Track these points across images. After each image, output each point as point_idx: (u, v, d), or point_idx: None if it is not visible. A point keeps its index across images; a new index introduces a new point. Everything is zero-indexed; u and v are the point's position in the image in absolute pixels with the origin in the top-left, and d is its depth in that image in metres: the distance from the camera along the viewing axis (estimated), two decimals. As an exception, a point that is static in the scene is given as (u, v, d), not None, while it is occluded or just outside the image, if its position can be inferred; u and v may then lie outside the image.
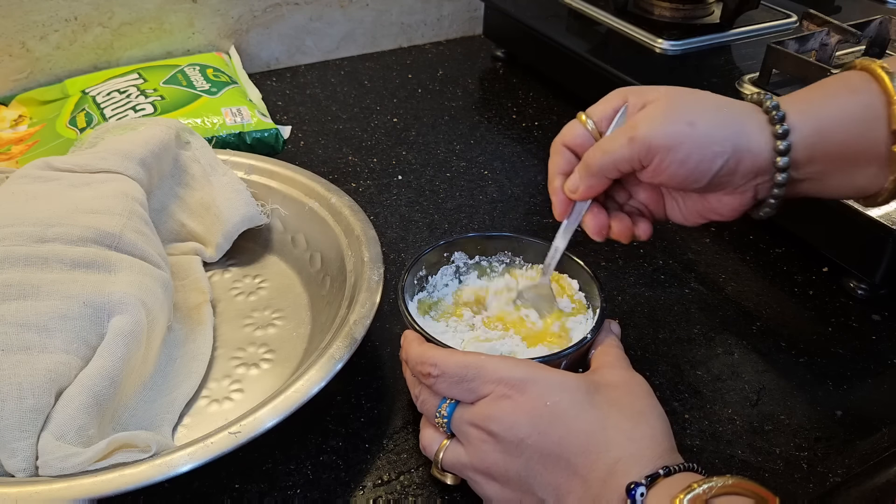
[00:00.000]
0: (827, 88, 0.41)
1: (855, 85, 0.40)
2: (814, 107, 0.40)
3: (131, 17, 0.81)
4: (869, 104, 0.39)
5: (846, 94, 0.40)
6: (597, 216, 0.46)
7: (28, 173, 0.53)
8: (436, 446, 0.42)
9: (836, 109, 0.40)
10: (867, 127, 0.39)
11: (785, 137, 0.40)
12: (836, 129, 0.40)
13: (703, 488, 0.33)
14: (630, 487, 0.35)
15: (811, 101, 0.41)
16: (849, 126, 0.40)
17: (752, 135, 0.40)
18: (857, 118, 0.39)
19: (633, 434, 0.37)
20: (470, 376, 0.40)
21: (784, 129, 0.40)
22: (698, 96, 0.42)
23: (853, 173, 0.41)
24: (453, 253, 0.52)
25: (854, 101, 0.40)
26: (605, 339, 0.45)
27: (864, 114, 0.39)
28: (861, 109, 0.39)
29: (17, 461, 0.39)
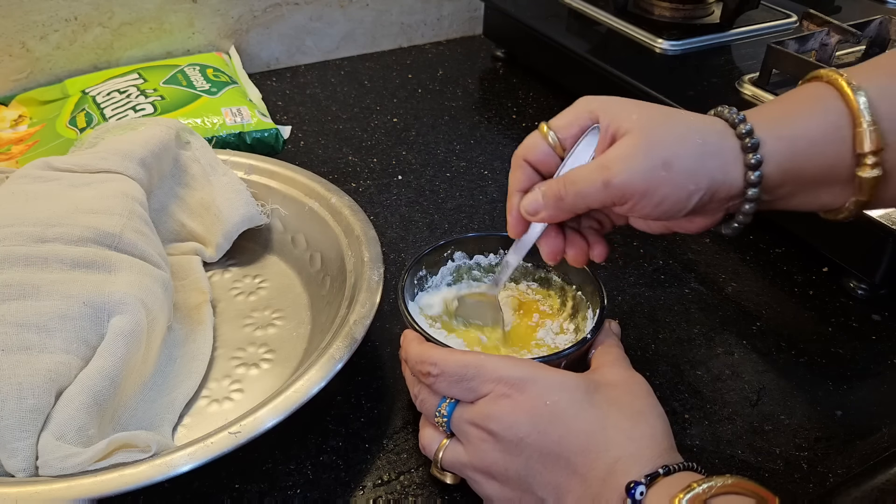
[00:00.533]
0: (799, 106, 0.40)
1: (825, 104, 0.39)
2: (786, 130, 0.39)
3: (131, 17, 0.81)
4: (837, 125, 0.38)
5: (819, 114, 0.39)
6: (553, 240, 0.44)
7: (28, 173, 0.53)
8: (435, 445, 0.42)
9: (809, 132, 0.39)
10: (835, 150, 0.39)
11: (758, 168, 0.39)
12: (808, 155, 0.39)
13: (703, 488, 0.33)
14: (630, 486, 0.35)
15: (784, 124, 0.39)
16: (819, 150, 0.39)
17: (727, 167, 0.39)
18: (827, 140, 0.39)
19: (632, 433, 0.38)
20: (469, 375, 0.40)
21: (757, 158, 0.38)
22: (673, 126, 0.39)
23: (819, 192, 0.41)
24: (453, 253, 0.52)
25: (825, 123, 0.39)
26: (605, 340, 0.45)
27: (833, 135, 0.38)
28: (831, 131, 0.39)
29: (17, 461, 0.39)
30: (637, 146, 0.39)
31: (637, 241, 0.65)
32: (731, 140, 0.39)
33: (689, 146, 0.39)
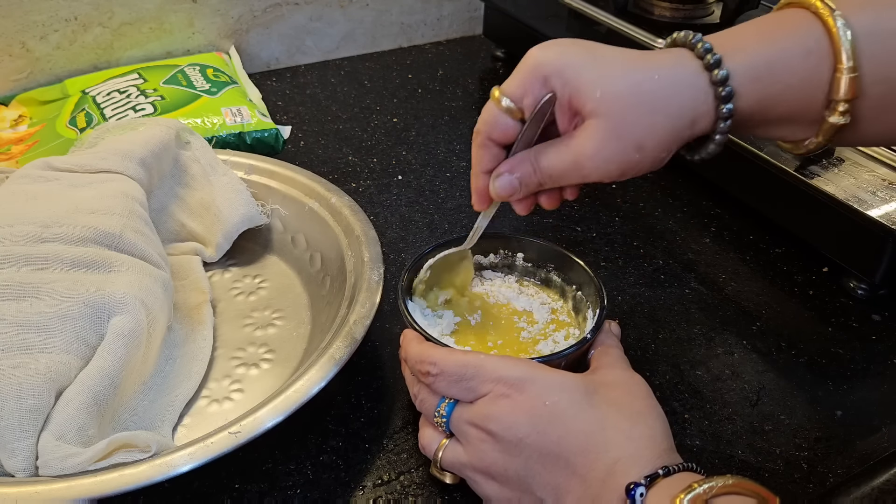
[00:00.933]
0: (775, 38, 0.38)
1: (803, 38, 0.37)
2: (761, 73, 0.38)
3: (131, 17, 0.81)
4: (816, 66, 0.37)
5: (796, 52, 0.37)
6: (525, 199, 0.44)
7: (28, 173, 0.53)
8: (435, 445, 0.42)
9: (784, 74, 0.38)
10: (809, 92, 0.38)
11: (729, 118, 0.38)
12: (780, 96, 0.38)
13: (704, 488, 0.33)
14: (629, 488, 0.35)
15: (759, 65, 0.38)
16: (793, 92, 0.38)
17: (699, 116, 0.38)
18: (802, 83, 0.38)
19: (631, 434, 0.37)
20: (469, 375, 0.40)
21: (728, 108, 0.38)
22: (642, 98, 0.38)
23: (783, 127, 0.40)
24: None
25: (802, 64, 0.37)
26: (604, 340, 0.45)
27: (810, 77, 0.37)
28: (808, 72, 0.37)
29: (17, 461, 0.39)
30: (607, 133, 0.38)
31: (637, 242, 0.65)
32: (700, 80, 0.38)
33: (660, 119, 0.38)
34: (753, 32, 0.39)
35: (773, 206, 0.64)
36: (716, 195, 0.70)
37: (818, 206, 0.57)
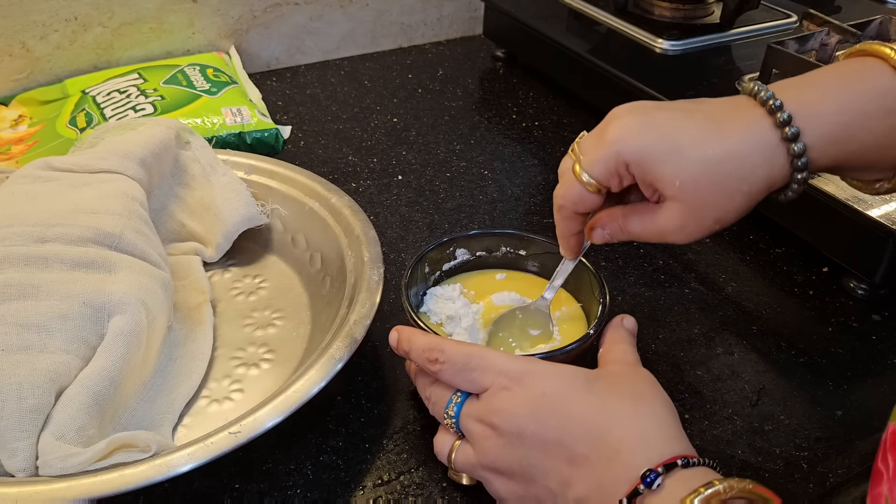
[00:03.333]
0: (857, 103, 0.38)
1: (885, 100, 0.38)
2: (839, 137, 0.38)
3: (131, 17, 0.81)
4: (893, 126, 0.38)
5: (878, 115, 0.38)
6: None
7: (28, 173, 0.53)
8: (447, 448, 0.42)
9: (862, 135, 0.38)
10: (885, 149, 0.38)
11: (804, 182, 0.39)
12: (855, 157, 0.39)
13: (723, 486, 0.33)
14: (646, 475, 0.34)
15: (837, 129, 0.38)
16: (869, 151, 0.39)
17: (773, 185, 0.40)
18: (879, 142, 0.38)
19: (634, 414, 0.37)
20: (472, 365, 0.40)
21: (804, 176, 0.39)
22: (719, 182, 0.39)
23: (855, 174, 0.41)
24: (455, 250, 0.53)
25: (882, 125, 0.38)
26: (613, 336, 0.45)
27: (888, 136, 0.38)
28: (887, 132, 0.38)
29: (17, 461, 0.39)
30: (688, 215, 0.40)
31: (637, 241, 0.65)
32: (778, 153, 0.39)
33: (738, 196, 0.39)
34: (832, 91, 0.39)
35: (773, 206, 0.63)
36: (716, 195, 0.70)
37: (818, 206, 0.57)
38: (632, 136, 0.40)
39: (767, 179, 0.39)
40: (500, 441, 0.39)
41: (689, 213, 0.40)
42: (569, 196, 0.43)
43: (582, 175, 0.42)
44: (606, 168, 0.41)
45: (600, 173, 0.41)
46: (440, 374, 0.41)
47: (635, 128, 0.40)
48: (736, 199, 0.39)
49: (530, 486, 0.38)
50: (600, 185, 0.41)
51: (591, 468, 0.36)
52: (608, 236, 0.44)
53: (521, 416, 0.38)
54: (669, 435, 0.37)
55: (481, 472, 0.40)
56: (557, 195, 0.44)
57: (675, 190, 0.39)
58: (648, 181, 0.40)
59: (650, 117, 0.41)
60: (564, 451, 0.37)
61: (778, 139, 0.38)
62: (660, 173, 0.39)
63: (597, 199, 0.42)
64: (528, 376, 0.39)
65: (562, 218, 0.45)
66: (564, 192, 0.43)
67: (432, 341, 0.42)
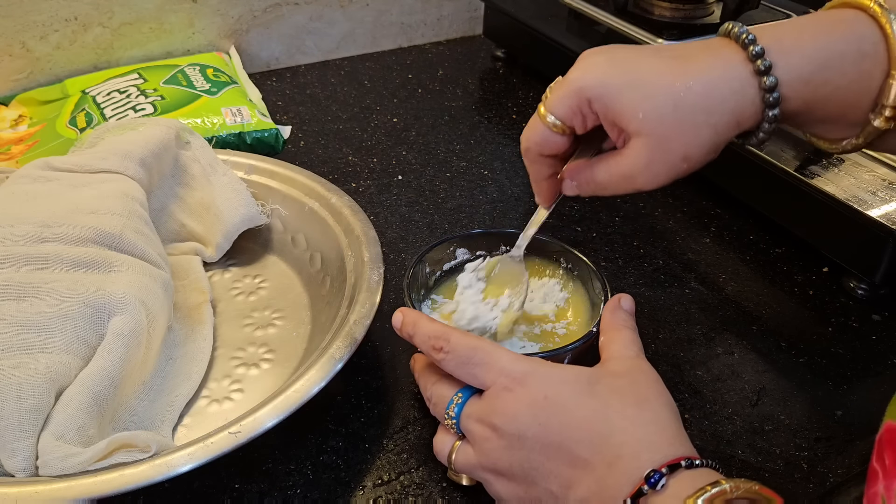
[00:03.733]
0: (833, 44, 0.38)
1: (860, 44, 0.37)
2: (813, 76, 0.38)
3: (131, 17, 0.81)
4: (868, 72, 0.37)
5: (852, 58, 0.37)
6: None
7: (28, 173, 0.53)
8: (447, 449, 0.42)
9: (836, 78, 0.37)
10: (857, 96, 0.38)
11: (774, 121, 0.38)
12: (827, 102, 0.38)
13: (728, 486, 0.33)
14: (650, 475, 0.34)
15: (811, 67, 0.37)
16: (841, 97, 0.38)
17: (743, 122, 0.39)
18: (851, 87, 0.38)
19: (637, 419, 0.37)
20: (476, 360, 0.40)
21: (775, 113, 0.38)
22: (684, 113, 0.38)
23: (823, 126, 0.41)
24: (456, 249, 0.53)
25: (855, 70, 0.37)
26: (613, 322, 0.44)
27: (861, 82, 0.37)
28: (859, 78, 0.37)
29: (17, 461, 0.39)
30: (652, 150, 0.39)
31: (637, 241, 0.65)
32: (748, 87, 0.38)
33: (704, 129, 0.38)
34: (809, 30, 0.39)
35: (773, 206, 0.64)
36: (716, 195, 0.70)
37: (818, 206, 0.58)
38: (594, 71, 0.40)
39: (735, 113, 0.38)
40: (501, 443, 0.39)
41: (654, 148, 0.39)
42: (532, 137, 0.43)
43: (546, 115, 0.41)
44: (569, 106, 0.40)
45: (563, 112, 0.41)
46: (443, 363, 0.41)
47: (598, 64, 0.40)
48: (702, 132, 0.38)
49: (531, 487, 0.38)
50: (564, 124, 0.41)
51: (592, 471, 0.36)
52: (576, 188, 0.44)
53: (523, 419, 0.38)
54: (672, 438, 0.37)
55: (481, 474, 0.40)
56: (523, 138, 0.43)
57: (638, 123, 0.38)
58: (611, 117, 0.39)
59: (615, 54, 0.40)
60: (566, 454, 0.37)
61: (749, 73, 0.38)
62: (621, 106, 0.39)
63: (562, 140, 0.42)
64: (531, 378, 0.39)
65: (529, 161, 0.44)
66: (529, 134, 0.43)
67: (439, 329, 0.42)
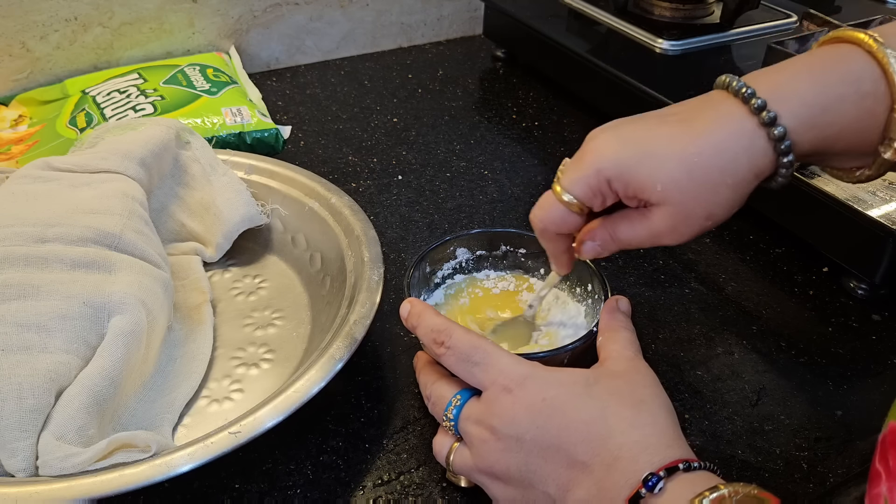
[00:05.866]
0: (832, 87, 0.38)
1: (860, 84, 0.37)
2: (817, 120, 0.38)
3: (131, 17, 0.81)
4: (871, 110, 0.37)
5: (853, 99, 0.37)
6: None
7: (28, 173, 0.53)
8: (446, 450, 0.42)
9: (840, 120, 0.38)
10: (864, 133, 0.38)
11: (790, 166, 0.39)
12: (836, 141, 0.39)
13: (728, 490, 0.33)
14: (647, 478, 0.34)
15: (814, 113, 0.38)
16: (849, 135, 0.38)
17: (761, 174, 0.39)
18: (857, 126, 0.38)
19: (634, 421, 0.37)
20: (476, 359, 0.40)
21: (789, 159, 0.38)
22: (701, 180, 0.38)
23: (836, 160, 0.41)
24: (456, 249, 0.53)
25: (858, 109, 0.38)
26: (611, 323, 0.44)
27: (866, 120, 0.38)
28: (864, 116, 0.38)
29: (17, 461, 0.39)
30: (675, 216, 0.39)
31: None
32: (758, 141, 0.38)
33: (723, 189, 0.39)
34: (805, 75, 0.39)
35: (773, 206, 0.64)
36: (716, 195, 0.70)
37: (818, 206, 0.57)
38: (607, 150, 0.40)
39: (751, 169, 0.39)
40: (499, 445, 0.39)
41: (677, 213, 0.39)
42: (549, 218, 0.42)
43: (563, 195, 0.41)
44: (588, 185, 0.40)
45: (581, 192, 0.41)
46: (443, 357, 0.41)
47: (610, 142, 0.40)
48: (721, 192, 0.39)
49: (528, 490, 0.38)
50: (582, 204, 0.41)
51: (591, 473, 0.36)
52: (599, 248, 0.43)
53: (521, 421, 0.38)
54: (670, 440, 0.37)
55: (478, 476, 0.40)
56: (536, 218, 0.43)
57: (658, 194, 0.39)
58: (631, 193, 0.40)
59: (623, 130, 0.41)
60: (564, 456, 0.37)
61: (755, 126, 0.38)
62: (639, 181, 0.39)
63: (578, 219, 0.42)
64: (530, 381, 0.39)
65: (546, 241, 0.45)
66: (544, 215, 0.43)
67: (443, 324, 0.42)
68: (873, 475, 0.35)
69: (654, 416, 0.38)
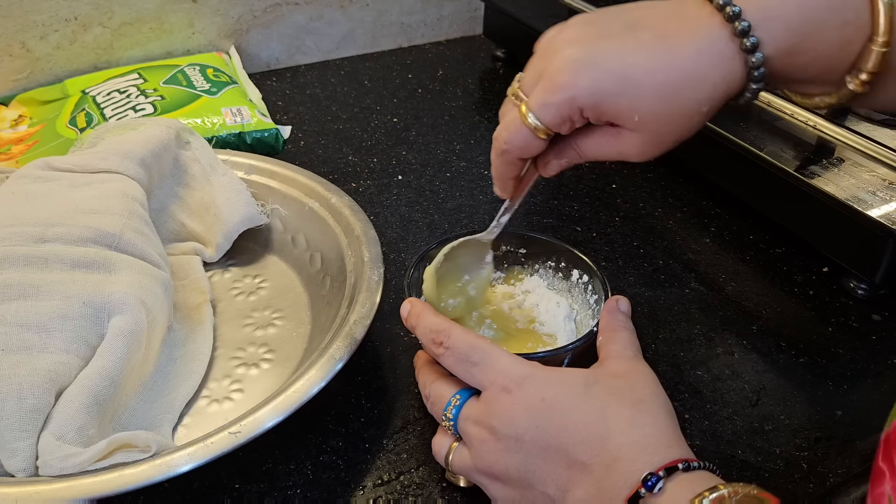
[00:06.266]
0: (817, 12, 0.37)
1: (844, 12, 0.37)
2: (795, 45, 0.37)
3: (131, 17, 0.81)
4: (849, 39, 0.37)
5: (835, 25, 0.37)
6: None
7: (28, 173, 0.53)
8: (445, 450, 0.42)
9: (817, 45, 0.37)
10: (836, 61, 0.38)
11: (758, 87, 0.38)
12: (807, 67, 0.38)
13: (728, 491, 0.33)
14: (647, 478, 0.34)
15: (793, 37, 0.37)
16: (821, 62, 0.38)
17: (730, 92, 0.39)
18: (831, 53, 0.38)
19: (634, 421, 0.37)
20: (475, 359, 0.40)
21: (759, 84, 0.38)
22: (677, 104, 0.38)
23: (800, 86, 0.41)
24: None
25: (837, 37, 0.37)
26: (611, 323, 0.44)
27: (841, 48, 0.37)
28: (841, 44, 0.37)
29: (17, 461, 0.39)
30: (649, 141, 0.39)
31: (637, 241, 0.65)
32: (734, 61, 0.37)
33: (697, 117, 0.39)
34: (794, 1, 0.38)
35: (773, 206, 0.64)
36: (716, 195, 0.70)
37: (818, 206, 0.58)
38: (583, 78, 0.38)
39: (724, 90, 0.38)
40: (498, 445, 0.38)
41: (649, 139, 0.39)
42: (514, 141, 0.41)
43: (529, 118, 0.39)
44: (559, 113, 0.39)
45: (552, 118, 0.39)
46: (442, 358, 0.41)
47: (586, 69, 0.38)
48: (695, 118, 0.39)
49: (527, 491, 0.38)
50: (549, 129, 0.40)
51: (590, 473, 0.36)
52: (565, 163, 0.43)
53: (521, 422, 0.38)
54: (669, 440, 0.37)
55: (477, 476, 0.40)
56: (500, 138, 0.42)
57: (635, 123, 0.39)
58: (604, 119, 0.39)
59: (597, 52, 0.38)
60: (563, 456, 0.37)
61: (735, 50, 0.37)
62: (616, 110, 0.38)
63: (543, 144, 0.41)
64: (529, 381, 0.39)
65: (503, 162, 0.43)
66: (509, 137, 0.41)
67: (441, 324, 0.42)
68: (876, 474, 0.35)
69: (653, 417, 0.38)
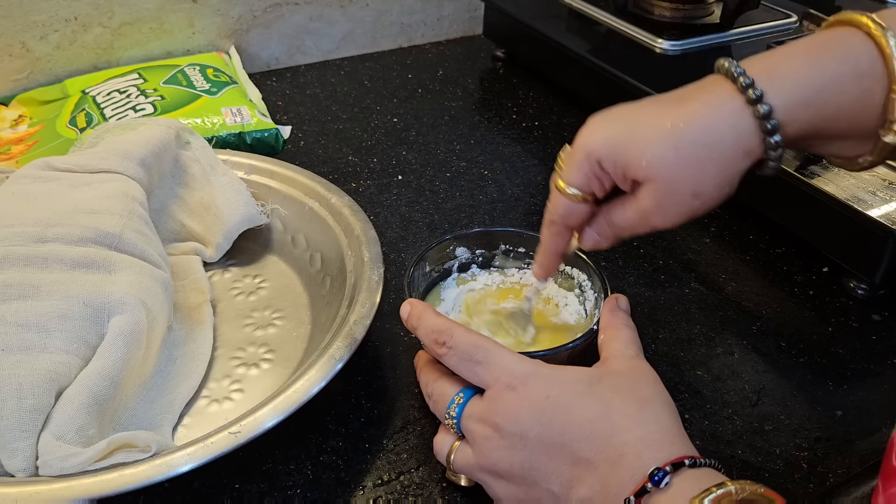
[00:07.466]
0: (828, 66, 0.38)
1: (857, 64, 0.37)
2: (812, 99, 0.38)
3: (131, 17, 0.81)
4: (869, 91, 0.37)
5: (850, 78, 0.37)
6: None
7: (28, 173, 0.53)
8: (447, 449, 0.42)
9: (837, 99, 0.38)
10: (862, 115, 0.38)
11: (778, 147, 0.39)
12: (833, 122, 0.38)
13: (734, 487, 0.33)
14: (653, 473, 0.34)
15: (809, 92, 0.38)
16: (846, 117, 0.38)
17: (750, 153, 0.39)
18: (854, 107, 0.38)
19: (638, 419, 0.37)
20: (478, 357, 0.40)
21: (776, 140, 0.38)
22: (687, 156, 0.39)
23: (836, 145, 0.41)
24: (455, 248, 0.53)
25: (855, 89, 0.37)
26: (612, 321, 0.44)
27: (863, 101, 0.37)
28: (861, 96, 0.37)
29: (17, 461, 0.39)
30: (661, 192, 0.40)
31: (637, 241, 0.65)
32: (744, 119, 0.38)
33: (709, 166, 0.39)
34: (802, 56, 0.39)
35: (773, 206, 0.64)
36: (716, 195, 0.70)
37: (818, 206, 0.58)
38: (596, 133, 0.41)
39: (739, 145, 0.39)
40: (502, 443, 0.38)
41: (663, 190, 0.39)
42: (557, 210, 0.43)
43: (564, 187, 0.42)
44: (583, 172, 0.41)
45: (579, 180, 0.41)
46: (444, 358, 0.41)
47: (599, 124, 0.41)
48: (707, 169, 0.39)
49: (531, 488, 0.38)
50: (583, 192, 0.42)
51: (595, 470, 0.36)
52: (597, 236, 0.44)
53: (525, 419, 0.38)
54: (674, 437, 0.37)
55: (480, 475, 0.40)
56: (547, 209, 0.44)
57: (644, 170, 0.39)
58: (620, 172, 0.40)
59: (613, 113, 0.42)
60: (568, 453, 0.37)
61: (742, 104, 0.38)
62: (626, 157, 0.40)
63: (584, 208, 0.43)
64: (533, 378, 0.39)
65: (552, 234, 0.45)
66: (551, 206, 0.44)
67: (443, 324, 0.42)
68: (888, 473, 0.34)
69: (657, 414, 0.38)
